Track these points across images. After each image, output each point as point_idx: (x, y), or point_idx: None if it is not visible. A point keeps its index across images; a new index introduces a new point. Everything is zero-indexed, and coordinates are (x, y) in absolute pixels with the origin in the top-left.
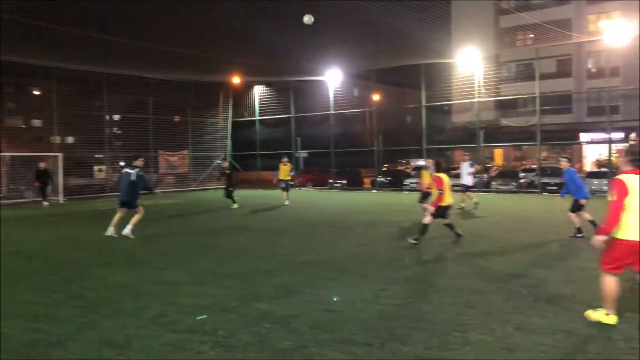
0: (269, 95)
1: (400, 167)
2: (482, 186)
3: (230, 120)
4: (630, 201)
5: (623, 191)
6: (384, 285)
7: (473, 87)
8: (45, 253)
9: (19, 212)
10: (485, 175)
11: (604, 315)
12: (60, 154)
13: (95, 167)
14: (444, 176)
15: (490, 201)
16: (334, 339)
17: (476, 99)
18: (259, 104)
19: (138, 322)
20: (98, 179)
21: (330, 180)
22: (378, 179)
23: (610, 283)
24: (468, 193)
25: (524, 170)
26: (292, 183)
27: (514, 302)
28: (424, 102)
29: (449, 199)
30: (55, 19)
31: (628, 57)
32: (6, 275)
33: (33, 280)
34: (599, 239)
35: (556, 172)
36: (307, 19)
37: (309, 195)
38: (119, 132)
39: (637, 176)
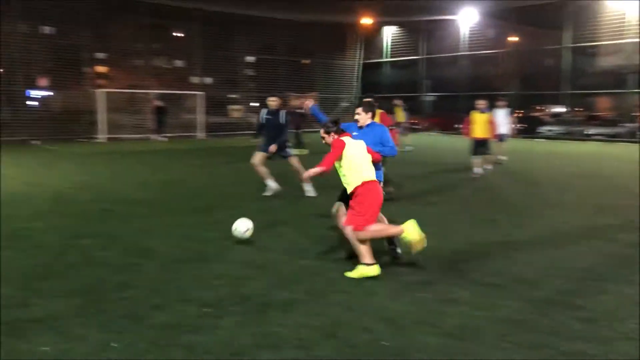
0: (399, 36)
1: (535, 114)
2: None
3: (359, 62)
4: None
5: None
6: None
7: (623, 26)
8: (187, 182)
9: (166, 146)
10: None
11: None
12: (202, 93)
13: (230, 107)
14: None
15: None
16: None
17: (628, 40)
18: (389, 46)
19: (274, 247)
20: (233, 118)
21: (456, 125)
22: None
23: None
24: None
25: None
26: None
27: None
28: (567, 43)
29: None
30: None
31: None
32: (161, 200)
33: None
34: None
35: None
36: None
37: (433, 141)
38: (252, 73)
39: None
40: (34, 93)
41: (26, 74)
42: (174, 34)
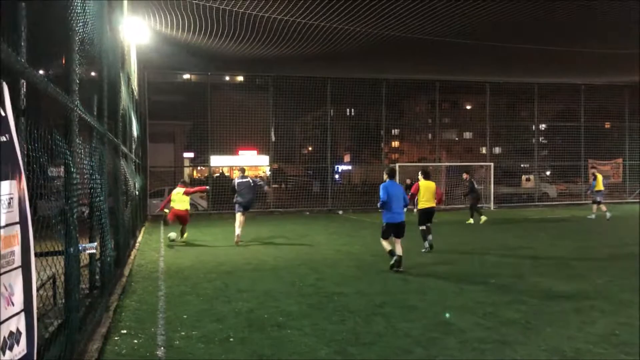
0: None
1: None
2: None
3: None
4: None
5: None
6: None
7: None
8: (472, 256)
9: (454, 217)
10: None
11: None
12: (491, 164)
13: (523, 177)
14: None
15: None
16: None
17: None
18: None
19: (584, 336)
20: (525, 188)
21: None
22: None
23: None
24: None
25: None
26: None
27: None
28: None
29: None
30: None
31: None
32: (457, 272)
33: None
34: None
35: None
36: None
37: None
38: (544, 141)
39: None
40: (340, 168)
41: (334, 152)
42: (464, 106)
